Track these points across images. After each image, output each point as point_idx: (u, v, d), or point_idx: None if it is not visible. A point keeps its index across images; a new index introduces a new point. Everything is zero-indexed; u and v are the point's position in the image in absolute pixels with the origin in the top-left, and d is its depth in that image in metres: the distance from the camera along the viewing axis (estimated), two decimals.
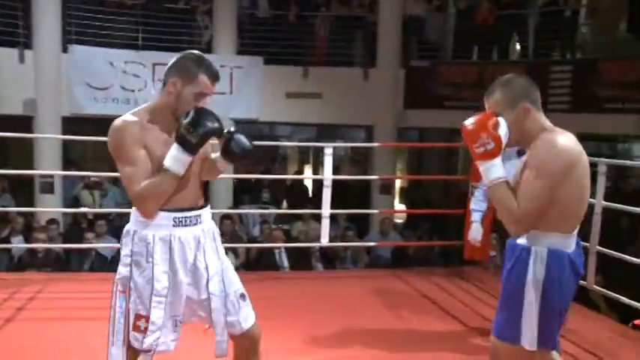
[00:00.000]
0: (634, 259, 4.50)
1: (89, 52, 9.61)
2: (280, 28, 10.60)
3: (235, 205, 10.08)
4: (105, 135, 2.24)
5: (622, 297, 4.41)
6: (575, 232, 2.17)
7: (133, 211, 2.26)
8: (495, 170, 2.08)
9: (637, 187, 10.22)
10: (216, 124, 2.16)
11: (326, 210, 5.32)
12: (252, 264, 6.85)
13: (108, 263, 6.52)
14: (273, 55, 10.35)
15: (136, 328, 2.19)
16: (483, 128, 2.07)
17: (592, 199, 4.45)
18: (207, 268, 2.27)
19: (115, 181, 10.10)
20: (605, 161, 4.48)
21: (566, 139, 2.09)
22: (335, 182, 5.50)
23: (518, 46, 10.95)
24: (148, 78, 9.87)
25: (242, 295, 2.36)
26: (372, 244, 6.99)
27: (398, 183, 11.53)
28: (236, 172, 10.89)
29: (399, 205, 11.91)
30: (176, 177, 2.17)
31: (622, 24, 9.72)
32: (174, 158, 2.14)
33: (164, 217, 2.21)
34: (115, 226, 8.26)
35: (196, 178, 2.33)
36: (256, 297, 2.45)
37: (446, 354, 3.71)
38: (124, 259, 2.24)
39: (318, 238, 5.66)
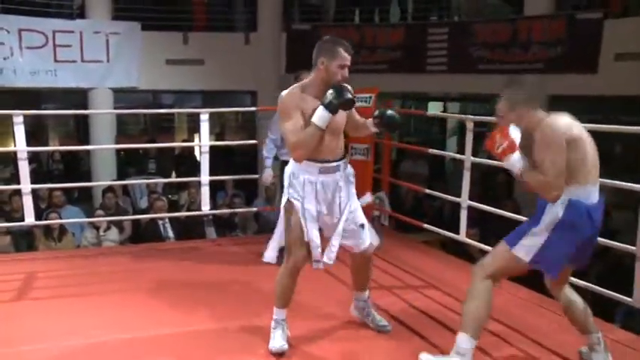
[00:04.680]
0: (505, 213, 4.70)
1: None
2: None
3: (120, 178, 9.66)
4: None
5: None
6: (593, 183, 2.70)
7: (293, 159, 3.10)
8: (516, 162, 2.70)
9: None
10: (350, 96, 2.96)
11: (205, 177, 5.23)
12: (141, 237, 6.67)
13: None
14: (152, 20, 9.96)
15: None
16: (498, 134, 2.73)
17: (462, 155, 4.65)
18: (340, 204, 3.14)
19: None
20: (471, 118, 4.70)
21: (560, 120, 2.66)
22: (222, 150, 5.37)
23: (398, 10, 11.18)
24: (15, 45, 9.20)
25: (362, 225, 3.23)
26: (254, 209, 6.97)
27: None
28: (118, 143, 10.46)
29: None
30: (320, 130, 2.94)
31: None
32: (320, 116, 2.93)
33: (313, 166, 3.07)
34: None
35: (336, 138, 3.13)
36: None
37: (327, 318, 3.79)
38: (286, 191, 3.12)
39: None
